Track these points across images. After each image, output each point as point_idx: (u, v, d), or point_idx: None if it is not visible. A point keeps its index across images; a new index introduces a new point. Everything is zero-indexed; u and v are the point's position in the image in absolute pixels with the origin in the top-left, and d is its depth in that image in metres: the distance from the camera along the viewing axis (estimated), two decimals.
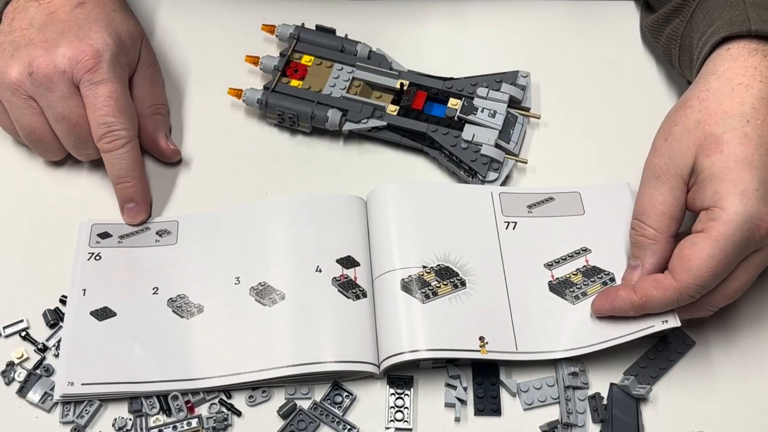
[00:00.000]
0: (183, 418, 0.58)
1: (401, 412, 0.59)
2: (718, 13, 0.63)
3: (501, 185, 0.67)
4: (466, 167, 0.67)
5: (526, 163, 0.69)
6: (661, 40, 0.71)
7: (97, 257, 0.63)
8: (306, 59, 0.72)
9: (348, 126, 0.69)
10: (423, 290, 0.60)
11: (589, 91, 0.74)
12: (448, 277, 0.61)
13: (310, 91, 0.70)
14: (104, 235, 0.64)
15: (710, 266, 0.55)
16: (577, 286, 0.61)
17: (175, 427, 0.57)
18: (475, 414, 0.59)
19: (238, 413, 0.59)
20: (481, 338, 0.59)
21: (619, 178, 0.67)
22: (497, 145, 0.67)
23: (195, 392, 0.58)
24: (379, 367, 0.59)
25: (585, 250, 0.63)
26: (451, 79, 0.71)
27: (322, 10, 0.76)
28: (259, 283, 0.62)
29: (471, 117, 0.68)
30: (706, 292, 0.56)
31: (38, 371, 0.59)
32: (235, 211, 0.66)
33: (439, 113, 0.69)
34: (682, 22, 0.67)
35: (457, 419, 0.58)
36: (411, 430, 0.58)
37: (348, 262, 0.62)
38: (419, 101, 0.69)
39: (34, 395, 0.59)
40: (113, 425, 0.58)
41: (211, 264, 0.63)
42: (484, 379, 0.60)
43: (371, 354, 0.59)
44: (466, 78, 0.71)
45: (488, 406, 0.59)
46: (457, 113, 0.69)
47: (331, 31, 0.74)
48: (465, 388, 0.59)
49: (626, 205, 0.64)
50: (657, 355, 0.61)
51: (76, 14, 0.64)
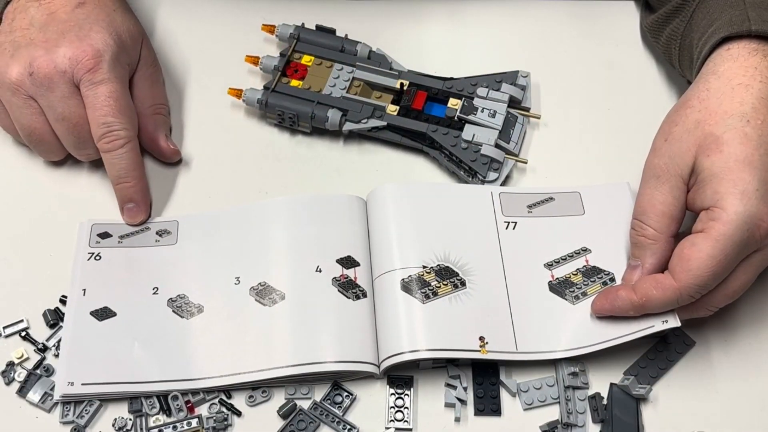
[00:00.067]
0: (183, 418, 0.58)
1: (401, 412, 0.59)
2: (718, 13, 0.63)
3: (501, 185, 0.67)
4: (466, 167, 0.67)
5: (526, 163, 0.69)
6: (661, 40, 0.71)
7: (97, 257, 0.63)
8: (306, 59, 0.72)
9: (348, 126, 0.69)
10: (423, 290, 0.60)
11: (589, 91, 0.74)
12: (448, 277, 0.61)
13: (310, 91, 0.70)
14: (104, 235, 0.64)
15: (710, 266, 0.55)
16: (577, 286, 0.61)
17: (175, 427, 0.57)
18: (475, 414, 0.59)
19: (238, 413, 0.59)
20: (481, 338, 0.59)
21: (619, 178, 0.67)
22: (497, 145, 0.67)
23: (195, 392, 0.58)
24: (379, 367, 0.59)
25: (585, 250, 0.63)
26: (451, 79, 0.71)
27: (322, 10, 0.76)
28: (259, 283, 0.62)
29: (471, 117, 0.68)
30: (706, 292, 0.56)
31: (38, 371, 0.59)
32: (235, 211, 0.66)
33: (439, 113, 0.69)
34: (682, 22, 0.67)
35: (457, 419, 0.58)
36: (411, 430, 0.58)
37: (348, 262, 0.62)
38: (419, 101, 0.69)
39: (34, 395, 0.59)
40: (113, 425, 0.58)
41: (211, 264, 0.63)
42: (484, 379, 0.60)
43: (371, 354, 0.59)
44: (466, 78, 0.71)
45: (488, 406, 0.59)
46: (457, 113, 0.69)
47: (331, 31, 0.74)
48: (465, 388, 0.59)
49: (626, 205, 0.64)
50: (657, 355, 0.61)
51: (77, 14, 0.64)
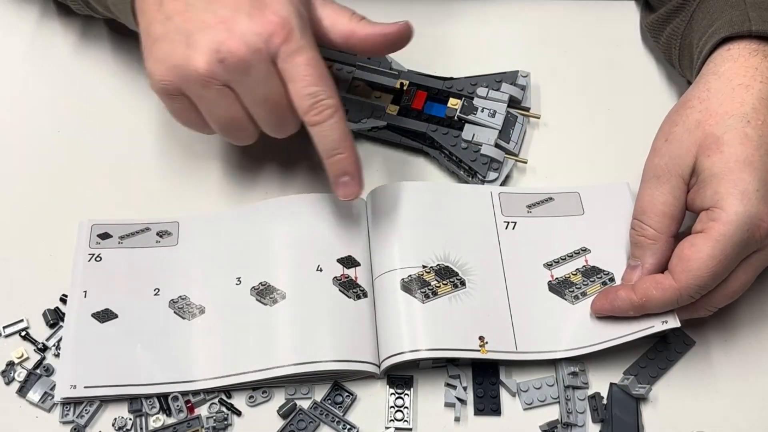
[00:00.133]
0: (183, 418, 0.58)
1: (401, 411, 0.59)
2: (718, 13, 0.63)
3: (501, 185, 0.67)
4: (466, 167, 0.67)
5: (526, 162, 0.69)
6: (661, 40, 0.71)
7: (98, 258, 0.63)
8: None
9: (348, 126, 0.68)
10: (423, 290, 0.60)
11: (589, 91, 0.74)
12: (448, 276, 0.61)
13: None
14: (104, 236, 0.64)
15: (710, 266, 0.55)
16: (577, 286, 0.61)
17: (175, 428, 0.57)
18: (475, 414, 0.59)
19: (238, 413, 0.59)
20: (481, 338, 0.59)
21: (619, 178, 0.67)
22: (497, 145, 0.67)
23: (195, 392, 0.58)
24: (379, 366, 0.59)
25: (584, 250, 0.63)
26: (451, 79, 0.71)
27: None
28: (260, 282, 0.62)
29: (471, 117, 0.68)
30: (705, 292, 0.56)
31: (38, 371, 0.59)
32: (235, 212, 0.66)
33: (439, 113, 0.69)
34: (683, 22, 0.67)
35: (457, 419, 0.58)
36: (411, 429, 0.58)
37: (349, 261, 0.62)
38: (419, 101, 0.69)
39: (34, 395, 0.59)
40: (113, 425, 0.58)
41: (212, 264, 0.63)
42: (484, 378, 0.60)
43: (371, 354, 0.59)
44: (466, 78, 0.71)
45: (488, 405, 0.59)
46: (457, 113, 0.69)
47: None
48: (465, 388, 0.59)
49: (626, 205, 0.64)
50: (657, 355, 0.61)
51: None
